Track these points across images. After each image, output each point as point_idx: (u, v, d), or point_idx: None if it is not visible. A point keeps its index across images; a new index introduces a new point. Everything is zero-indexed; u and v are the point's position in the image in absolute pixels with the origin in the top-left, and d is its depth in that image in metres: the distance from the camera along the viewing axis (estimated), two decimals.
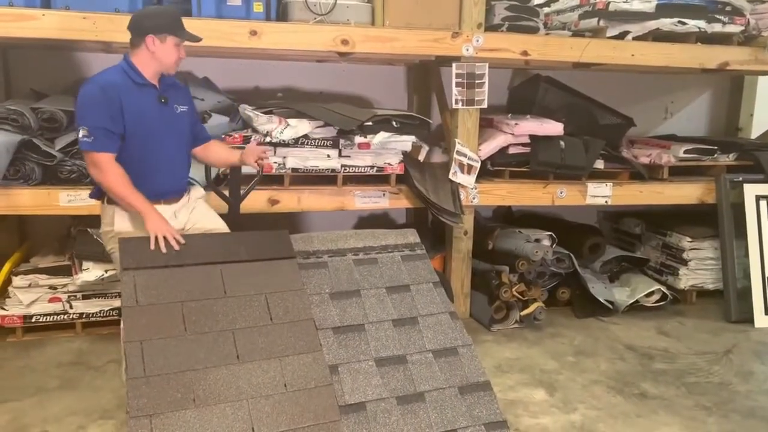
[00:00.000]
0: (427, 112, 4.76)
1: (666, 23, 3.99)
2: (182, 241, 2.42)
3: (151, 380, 2.02)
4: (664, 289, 4.31)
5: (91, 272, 3.47)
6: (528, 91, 4.50)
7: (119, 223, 2.59)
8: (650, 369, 3.44)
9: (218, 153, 2.97)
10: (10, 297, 3.55)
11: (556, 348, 3.70)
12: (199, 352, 2.13)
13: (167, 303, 2.21)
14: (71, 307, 3.60)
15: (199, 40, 2.67)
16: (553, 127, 3.97)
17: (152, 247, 2.36)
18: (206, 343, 2.17)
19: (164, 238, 2.39)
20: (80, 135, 2.46)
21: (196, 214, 2.79)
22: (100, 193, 2.65)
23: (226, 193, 3.02)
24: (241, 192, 3.04)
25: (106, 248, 2.69)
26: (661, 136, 5.09)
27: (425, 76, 4.74)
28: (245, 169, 3.08)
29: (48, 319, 3.58)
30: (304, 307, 2.39)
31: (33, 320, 3.56)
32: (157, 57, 2.54)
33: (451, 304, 2.62)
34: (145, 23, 2.53)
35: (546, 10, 4.34)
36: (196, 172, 3.05)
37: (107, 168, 2.48)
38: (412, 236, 2.84)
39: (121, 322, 2.24)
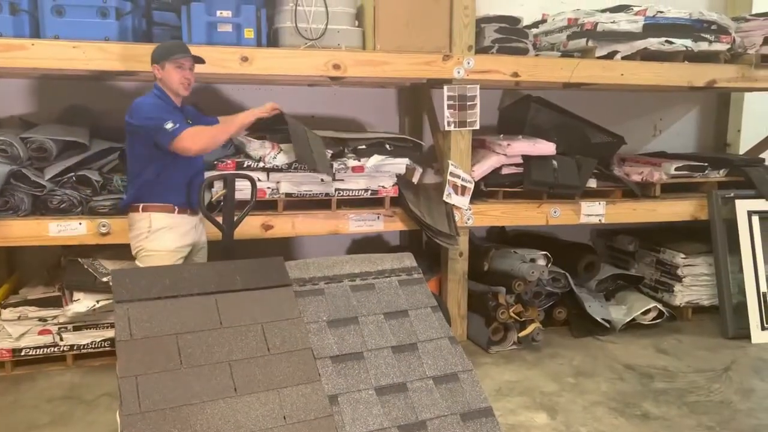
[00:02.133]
0: (419, 134, 4.77)
1: (653, 42, 4.04)
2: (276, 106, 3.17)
3: (146, 416, 1.96)
4: (660, 306, 4.31)
5: (82, 303, 3.41)
6: (519, 111, 4.52)
7: (157, 222, 2.91)
8: (651, 388, 3.41)
9: None
10: None
11: (556, 369, 3.66)
12: (196, 386, 2.08)
13: (162, 335, 2.16)
14: (62, 339, 3.53)
15: (199, 60, 3.00)
16: (546, 147, 3.99)
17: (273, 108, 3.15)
18: (202, 376, 2.11)
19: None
20: (168, 127, 2.77)
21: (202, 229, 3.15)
22: (135, 199, 2.94)
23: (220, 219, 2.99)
24: (235, 218, 3.00)
25: (135, 251, 2.98)
26: (650, 154, 5.13)
27: (416, 98, 4.75)
28: (238, 195, 3.05)
29: (38, 352, 3.51)
30: (301, 336, 2.35)
31: (23, 353, 3.48)
32: (165, 83, 2.91)
33: (450, 329, 2.59)
34: (152, 56, 2.93)
35: (534, 31, 4.39)
36: None
37: (196, 133, 2.87)
38: (408, 260, 2.81)
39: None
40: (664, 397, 3.30)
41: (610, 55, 4.06)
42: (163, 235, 2.92)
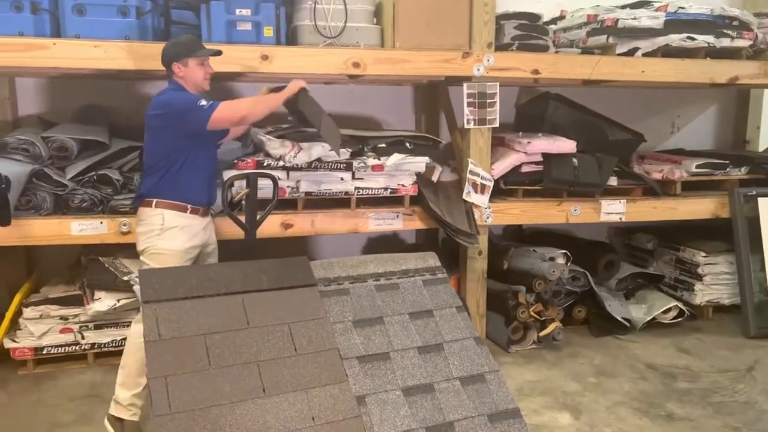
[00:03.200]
0: (435, 131, 4.75)
1: (675, 39, 3.99)
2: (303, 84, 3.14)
3: (176, 417, 1.96)
4: (681, 305, 4.26)
5: (104, 302, 3.41)
6: (537, 108, 4.48)
7: (170, 220, 2.84)
8: (674, 388, 3.38)
9: None
10: (20, 329, 3.49)
11: (576, 368, 3.64)
12: (225, 386, 2.07)
13: (190, 336, 2.16)
14: (83, 337, 3.54)
15: (218, 53, 2.99)
16: (566, 145, 3.95)
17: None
18: (231, 376, 2.11)
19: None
20: (202, 104, 2.77)
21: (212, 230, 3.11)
22: (149, 194, 2.87)
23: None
24: (257, 218, 3.00)
25: (142, 247, 2.88)
26: (669, 151, 5.07)
27: (433, 95, 4.73)
28: (260, 194, 3.05)
29: (59, 351, 3.52)
30: (327, 336, 2.34)
31: (44, 352, 3.49)
32: (186, 80, 2.89)
33: (475, 329, 2.57)
34: (168, 54, 2.89)
35: (553, 27, 4.35)
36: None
37: (233, 104, 2.89)
38: (432, 260, 2.79)
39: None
40: (688, 398, 3.27)
41: (630, 52, 4.02)
42: (175, 235, 2.86)
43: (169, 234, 2.85)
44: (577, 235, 4.82)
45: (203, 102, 2.78)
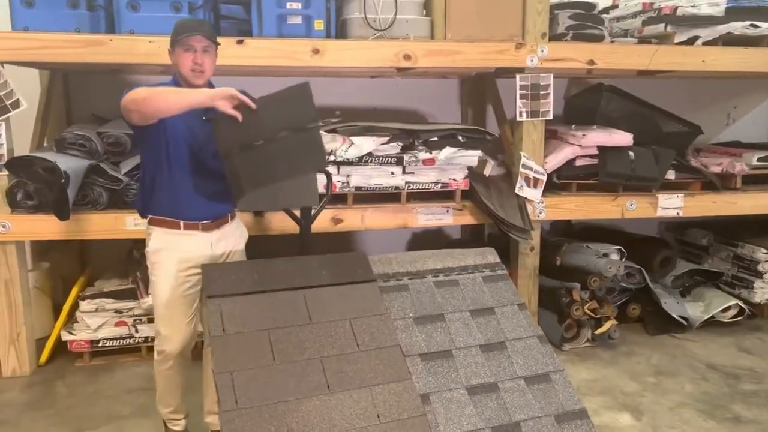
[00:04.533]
0: (482, 125, 4.65)
1: (737, 27, 3.83)
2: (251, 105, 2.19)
3: (243, 413, 1.94)
4: (741, 303, 4.11)
5: None
6: (589, 100, 4.36)
7: (156, 240, 2.46)
8: (738, 390, 3.26)
9: None
10: (77, 321, 3.55)
11: (633, 368, 3.54)
12: (289, 383, 2.05)
13: (254, 331, 2.15)
14: (137, 330, 3.58)
15: (194, 33, 2.36)
16: (623, 138, 3.83)
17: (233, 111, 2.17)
18: (295, 372, 2.09)
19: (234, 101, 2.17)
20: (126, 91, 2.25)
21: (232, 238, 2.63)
22: (142, 208, 2.53)
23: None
24: (312, 212, 2.97)
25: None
26: (725, 144, 4.89)
27: (480, 88, 4.65)
28: None
29: (114, 344, 3.57)
30: (389, 332, 2.30)
31: (100, 345, 3.55)
32: (178, 70, 2.42)
33: (539, 328, 2.50)
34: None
35: (604, 17, 4.22)
36: None
37: (137, 91, 2.21)
38: (491, 256, 2.73)
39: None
40: (755, 400, 3.15)
41: (690, 41, 3.87)
42: (163, 258, 2.44)
43: (157, 257, 2.46)
44: (628, 231, 4.69)
45: (135, 87, 2.24)
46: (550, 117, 3.74)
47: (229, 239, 2.59)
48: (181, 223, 2.45)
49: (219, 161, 2.34)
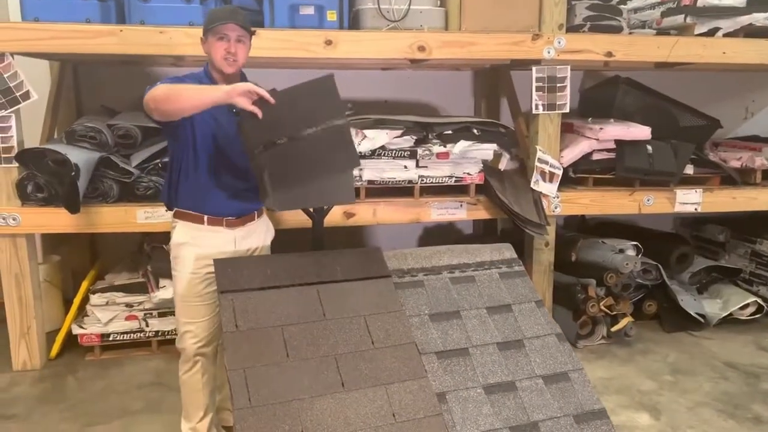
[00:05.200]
0: (495, 118, 4.59)
1: (759, 18, 3.73)
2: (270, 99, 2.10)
3: (257, 410, 1.90)
4: (760, 300, 4.03)
5: (169, 290, 3.41)
6: (605, 93, 4.28)
7: (179, 234, 2.42)
8: (759, 389, 3.19)
9: None
10: (88, 315, 3.52)
11: (650, 366, 3.48)
12: (303, 380, 2.01)
13: (267, 327, 2.11)
14: (147, 325, 3.56)
15: (228, 21, 2.29)
16: (640, 132, 3.75)
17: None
18: (309, 370, 2.05)
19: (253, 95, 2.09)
20: (150, 87, 2.21)
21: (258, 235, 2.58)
22: (168, 201, 2.48)
23: None
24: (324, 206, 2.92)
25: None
26: (744, 138, 4.80)
27: (494, 80, 4.58)
28: None
29: (125, 338, 3.55)
30: (404, 329, 2.25)
31: (110, 338, 3.52)
32: (210, 59, 2.36)
33: (557, 326, 2.45)
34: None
35: (622, 8, 4.13)
36: None
37: (158, 87, 2.17)
38: (508, 252, 2.68)
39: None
40: None
41: (710, 32, 3.78)
42: (184, 253, 2.41)
43: (179, 251, 2.43)
44: (643, 226, 4.62)
45: (159, 83, 2.21)
46: (567, 110, 3.66)
47: (255, 236, 2.54)
48: (205, 217, 2.40)
49: (246, 157, 2.30)
